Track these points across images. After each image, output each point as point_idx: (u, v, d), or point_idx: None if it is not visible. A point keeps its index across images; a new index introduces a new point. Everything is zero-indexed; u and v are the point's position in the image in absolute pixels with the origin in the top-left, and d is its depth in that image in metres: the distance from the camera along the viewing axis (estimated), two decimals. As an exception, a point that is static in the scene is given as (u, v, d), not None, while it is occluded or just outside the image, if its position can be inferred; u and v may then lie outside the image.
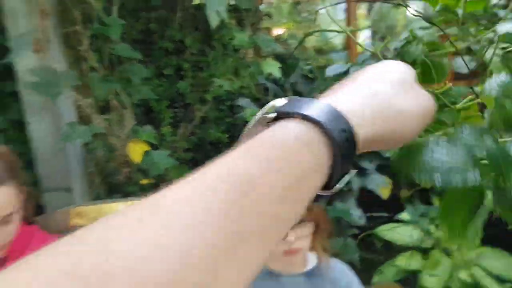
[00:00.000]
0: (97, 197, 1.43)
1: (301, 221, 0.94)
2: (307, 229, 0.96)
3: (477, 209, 0.34)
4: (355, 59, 1.99)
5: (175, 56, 2.02)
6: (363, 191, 1.79)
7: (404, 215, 1.35)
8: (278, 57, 1.93)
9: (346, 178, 0.29)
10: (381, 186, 1.79)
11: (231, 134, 2.01)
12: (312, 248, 1.01)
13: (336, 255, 1.11)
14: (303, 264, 1.03)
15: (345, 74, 1.68)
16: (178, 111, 2.05)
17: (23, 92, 1.26)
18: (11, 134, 1.59)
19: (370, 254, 1.85)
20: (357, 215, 1.70)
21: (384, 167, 1.80)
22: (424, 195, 1.62)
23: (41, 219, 1.12)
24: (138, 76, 1.55)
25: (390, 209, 1.78)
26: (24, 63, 1.20)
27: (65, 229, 1.10)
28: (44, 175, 1.30)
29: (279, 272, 1.01)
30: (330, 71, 1.68)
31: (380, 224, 1.65)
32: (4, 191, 0.86)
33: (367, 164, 1.72)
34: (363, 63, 1.59)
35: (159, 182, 1.64)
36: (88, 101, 1.32)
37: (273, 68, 1.63)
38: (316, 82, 1.82)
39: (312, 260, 1.04)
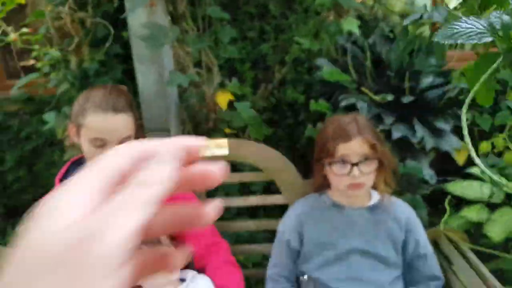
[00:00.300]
0: (189, 139, 1.65)
1: (366, 158, 1.03)
2: (372, 165, 1.04)
3: (492, 64, 0.45)
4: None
5: (258, 19, 2.16)
6: (439, 156, 1.78)
7: (476, 169, 1.35)
8: (360, 19, 1.97)
9: None
10: (457, 149, 1.76)
11: (307, 95, 2.12)
12: (376, 185, 1.10)
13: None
14: (367, 199, 1.13)
15: (419, 19, 1.65)
16: (259, 72, 2.20)
17: (134, 44, 1.50)
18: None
19: (439, 219, 1.87)
20: (428, 174, 1.71)
21: (462, 130, 1.77)
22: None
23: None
24: (227, 36, 1.72)
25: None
26: (136, 19, 1.44)
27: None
28: (147, 117, 1.56)
29: (344, 204, 1.12)
30: (407, 20, 1.71)
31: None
32: (126, 117, 1.08)
33: (442, 124, 1.69)
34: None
35: (239, 133, 1.84)
36: (187, 51, 1.53)
37: (352, 25, 1.68)
38: (396, 42, 1.83)
39: (375, 196, 1.13)
